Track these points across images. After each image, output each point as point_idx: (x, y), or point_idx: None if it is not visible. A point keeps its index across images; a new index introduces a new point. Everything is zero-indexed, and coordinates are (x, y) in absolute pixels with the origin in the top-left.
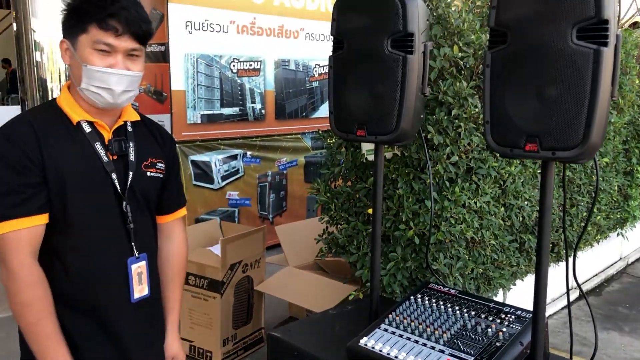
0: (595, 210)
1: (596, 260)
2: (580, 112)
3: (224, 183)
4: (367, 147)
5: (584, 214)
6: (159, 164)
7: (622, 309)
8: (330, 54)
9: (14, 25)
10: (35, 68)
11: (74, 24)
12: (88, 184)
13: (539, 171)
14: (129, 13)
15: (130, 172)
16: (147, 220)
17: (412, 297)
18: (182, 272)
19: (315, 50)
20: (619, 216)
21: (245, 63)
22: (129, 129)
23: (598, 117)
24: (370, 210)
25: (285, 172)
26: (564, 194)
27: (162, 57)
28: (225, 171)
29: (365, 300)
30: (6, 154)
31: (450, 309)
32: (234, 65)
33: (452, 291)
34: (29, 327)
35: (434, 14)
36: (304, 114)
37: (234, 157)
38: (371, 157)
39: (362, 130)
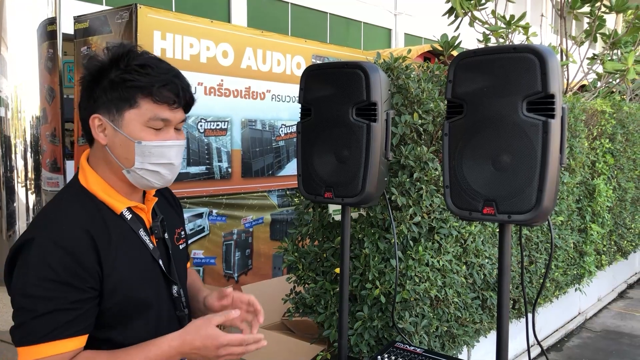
0: (552, 266)
1: (556, 315)
2: (532, 179)
3: (189, 242)
4: (334, 207)
5: (543, 270)
6: (182, 233)
7: None
8: (299, 120)
9: None
10: None
11: (117, 96)
12: (142, 279)
13: (497, 230)
14: (181, 81)
15: (170, 252)
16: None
17: (379, 357)
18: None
19: (281, 110)
20: (575, 272)
21: (212, 123)
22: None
23: (549, 183)
24: (337, 270)
25: (251, 230)
26: (522, 253)
27: None
28: (191, 230)
29: None
30: (58, 266)
31: None
32: (201, 125)
33: (418, 350)
34: None
35: (395, 84)
36: (270, 172)
37: (200, 215)
38: (338, 217)
39: (329, 193)
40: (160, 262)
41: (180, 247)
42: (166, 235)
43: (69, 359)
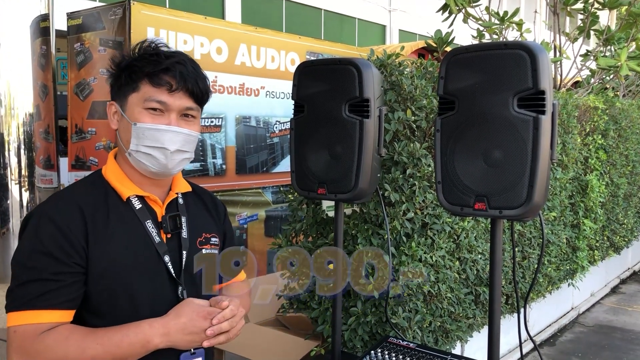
0: (545, 262)
1: (549, 310)
2: (523, 174)
3: None
4: (327, 203)
5: (535, 265)
6: (213, 239)
7: (575, 359)
8: (292, 116)
9: None
10: None
11: (125, 82)
12: (138, 270)
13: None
14: (184, 68)
15: (184, 252)
16: None
17: (372, 352)
18: (247, 297)
19: (275, 107)
20: (568, 267)
21: (206, 119)
22: (180, 201)
23: (539, 179)
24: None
25: (245, 226)
26: (513, 248)
27: None
28: None
29: (327, 357)
30: (45, 238)
31: None
32: None
33: (411, 345)
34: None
35: (388, 80)
36: (264, 168)
37: None
38: (331, 214)
39: (322, 189)
40: (167, 259)
41: (204, 251)
42: (184, 235)
43: (47, 330)
